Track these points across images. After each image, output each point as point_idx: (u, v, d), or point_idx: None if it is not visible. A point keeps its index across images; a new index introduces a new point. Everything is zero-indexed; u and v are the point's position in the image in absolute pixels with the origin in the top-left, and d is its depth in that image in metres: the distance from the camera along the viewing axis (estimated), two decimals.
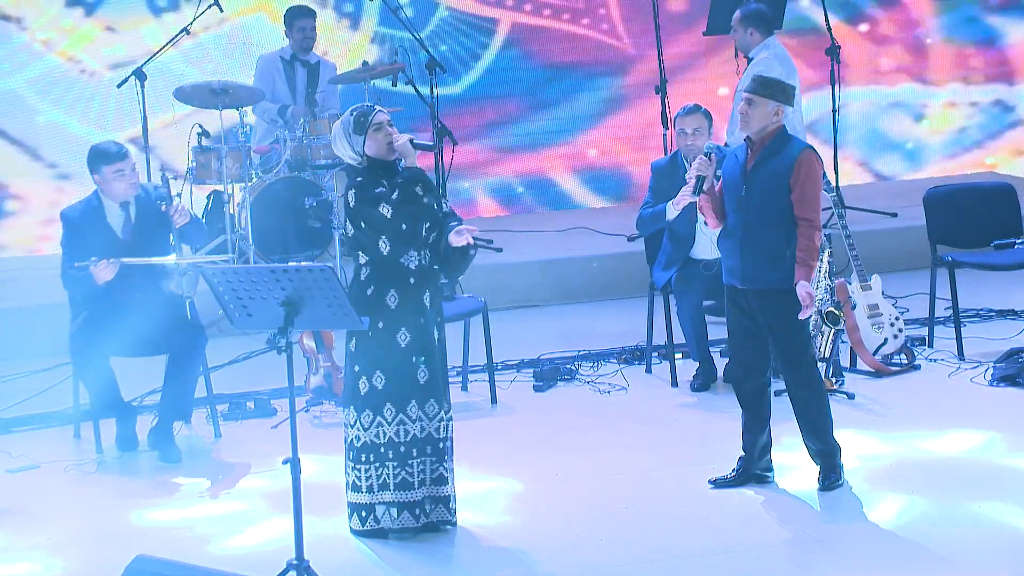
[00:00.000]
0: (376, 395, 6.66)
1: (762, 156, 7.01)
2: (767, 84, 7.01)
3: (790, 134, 7.14)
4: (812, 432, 7.10)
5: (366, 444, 6.68)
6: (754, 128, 7.01)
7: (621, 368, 9.20)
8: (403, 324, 6.65)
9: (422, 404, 6.69)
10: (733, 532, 6.72)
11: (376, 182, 6.63)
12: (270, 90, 11.30)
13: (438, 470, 6.74)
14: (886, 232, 11.46)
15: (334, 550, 6.62)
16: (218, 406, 8.45)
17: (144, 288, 7.99)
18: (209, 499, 7.41)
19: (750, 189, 6.99)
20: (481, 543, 6.72)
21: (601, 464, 7.61)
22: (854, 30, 13.45)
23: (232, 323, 6.17)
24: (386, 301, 6.63)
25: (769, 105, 6.98)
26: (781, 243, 6.95)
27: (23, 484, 7.69)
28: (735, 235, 7.04)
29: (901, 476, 7.28)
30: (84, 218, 8.04)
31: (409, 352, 6.66)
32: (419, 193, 6.62)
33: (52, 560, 6.72)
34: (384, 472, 6.68)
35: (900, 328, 8.91)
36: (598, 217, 12.39)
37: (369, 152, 6.68)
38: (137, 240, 8.01)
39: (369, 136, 6.66)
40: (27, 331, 9.83)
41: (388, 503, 6.69)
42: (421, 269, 6.69)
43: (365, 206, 6.60)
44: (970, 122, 13.80)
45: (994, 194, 9.63)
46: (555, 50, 12.99)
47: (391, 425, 6.66)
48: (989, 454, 7.52)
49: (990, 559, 6.30)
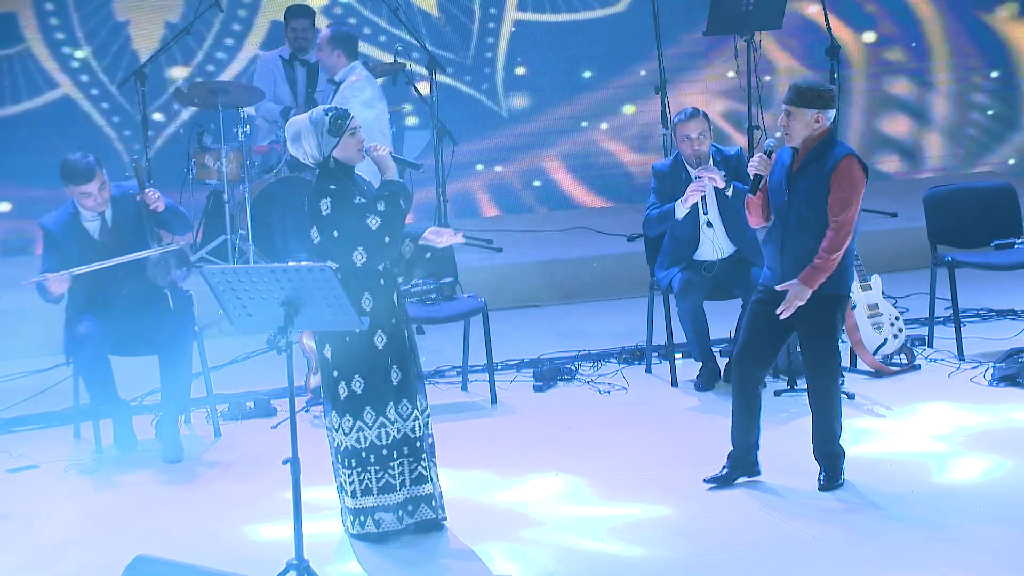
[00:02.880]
0: (356, 400, 6.62)
1: (806, 161, 7.02)
2: (803, 93, 6.99)
3: (836, 140, 7.10)
4: (823, 435, 7.12)
5: (348, 449, 6.65)
6: (797, 139, 7.01)
7: (621, 368, 9.20)
8: (379, 326, 6.61)
9: (396, 405, 6.66)
10: (733, 532, 6.71)
11: (351, 191, 6.53)
12: (270, 90, 11.30)
13: (416, 469, 6.71)
14: (886, 232, 11.46)
15: (334, 550, 6.62)
16: (218, 406, 8.45)
17: (131, 284, 7.98)
18: (209, 499, 7.41)
19: (793, 194, 7.01)
20: (480, 543, 6.71)
21: (601, 464, 7.60)
22: (854, 30, 13.45)
23: (232, 323, 6.16)
24: (361, 305, 6.55)
25: (808, 113, 6.97)
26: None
27: (23, 484, 7.69)
28: (777, 240, 7.07)
29: (903, 475, 7.28)
30: (60, 226, 8.01)
31: (385, 354, 6.63)
32: (403, 207, 6.60)
33: (52, 560, 6.72)
34: (367, 477, 6.65)
35: (900, 328, 8.90)
36: (598, 217, 12.39)
37: (338, 156, 6.54)
38: (115, 241, 7.98)
39: (344, 140, 6.53)
40: (27, 331, 9.84)
41: (372, 507, 6.66)
42: (387, 270, 6.66)
43: (345, 216, 6.47)
44: (970, 122, 13.81)
45: (994, 194, 9.63)
46: (555, 50, 13.00)
47: (371, 429, 6.63)
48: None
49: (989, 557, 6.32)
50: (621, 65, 13.06)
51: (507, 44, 12.91)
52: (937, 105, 13.77)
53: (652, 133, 12.82)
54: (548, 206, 13.07)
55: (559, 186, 13.14)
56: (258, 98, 10.95)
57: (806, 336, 7.09)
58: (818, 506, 6.96)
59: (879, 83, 13.67)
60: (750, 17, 11.39)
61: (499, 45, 12.92)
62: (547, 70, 12.98)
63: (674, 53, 12.79)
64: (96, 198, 7.90)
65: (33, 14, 12.10)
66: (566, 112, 13.06)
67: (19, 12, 12.10)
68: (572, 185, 13.16)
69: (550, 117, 13.04)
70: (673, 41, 12.81)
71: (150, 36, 12.20)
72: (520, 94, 12.95)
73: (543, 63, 12.96)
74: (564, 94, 13.03)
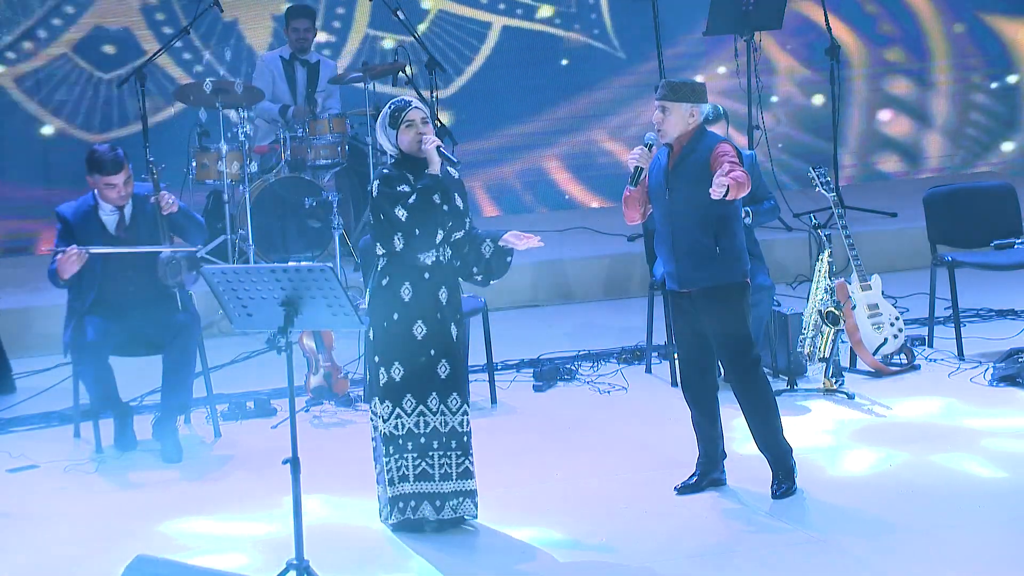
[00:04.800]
0: (395, 387, 6.69)
1: (681, 156, 6.95)
2: (677, 88, 6.94)
3: (707, 130, 7.04)
4: (762, 435, 7.06)
5: (386, 435, 6.72)
6: (673, 134, 6.94)
7: (621, 368, 9.20)
8: (419, 317, 6.68)
9: (444, 398, 6.73)
10: (733, 532, 6.71)
11: (401, 179, 6.69)
12: (269, 90, 11.30)
13: (463, 464, 6.78)
14: (886, 232, 11.46)
15: (334, 550, 6.61)
16: (218, 406, 8.45)
17: (139, 283, 8.00)
18: (209, 499, 7.41)
19: (673, 192, 6.93)
20: (481, 543, 6.71)
21: (601, 464, 7.60)
22: (854, 29, 13.45)
23: (232, 323, 6.17)
24: (400, 294, 6.68)
25: (684, 108, 6.94)
26: (710, 241, 6.91)
27: (23, 484, 7.69)
28: (667, 240, 7.02)
29: (906, 476, 7.28)
30: (77, 216, 8.05)
31: (426, 345, 6.69)
32: (436, 201, 6.65)
33: (52, 560, 6.71)
34: (403, 464, 6.71)
35: (900, 328, 8.90)
36: (598, 217, 12.39)
37: (402, 147, 6.75)
38: (131, 237, 8.03)
39: (401, 131, 6.73)
40: (27, 331, 9.84)
41: (408, 494, 6.72)
42: (438, 265, 6.72)
43: (384, 201, 6.66)
44: (970, 122, 13.81)
45: (994, 194, 9.63)
46: (555, 49, 13.00)
47: (410, 416, 6.70)
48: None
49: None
50: (621, 65, 13.06)
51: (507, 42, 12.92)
52: (937, 105, 13.77)
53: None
54: (548, 206, 13.07)
55: (559, 186, 13.15)
56: (258, 98, 10.96)
57: (717, 332, 7.00)
58: (818, 506, 6.95)
59: (879, 83, 13.67)
60: (750, 17, 11.40)
61: (497, 42, 12.94)
62: (546, 69, 12.98)
63: (674, 53, 12.79)
64: (120, 190, 7.95)
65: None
66: (566, 112, 13.06)
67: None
68: (572, 185, 13.16)
69: (550, 117, 13.04)
70: (673, 41, 12.82)
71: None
72: (520, 93, 12.95)
73: (543, 63, 12.96)
74: (564, 94, 13.03)
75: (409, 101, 6.80)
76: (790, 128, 13.41)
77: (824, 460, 7.50)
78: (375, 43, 12.64)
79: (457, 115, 12.40)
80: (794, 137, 13.35)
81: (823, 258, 8.70)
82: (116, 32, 12.21)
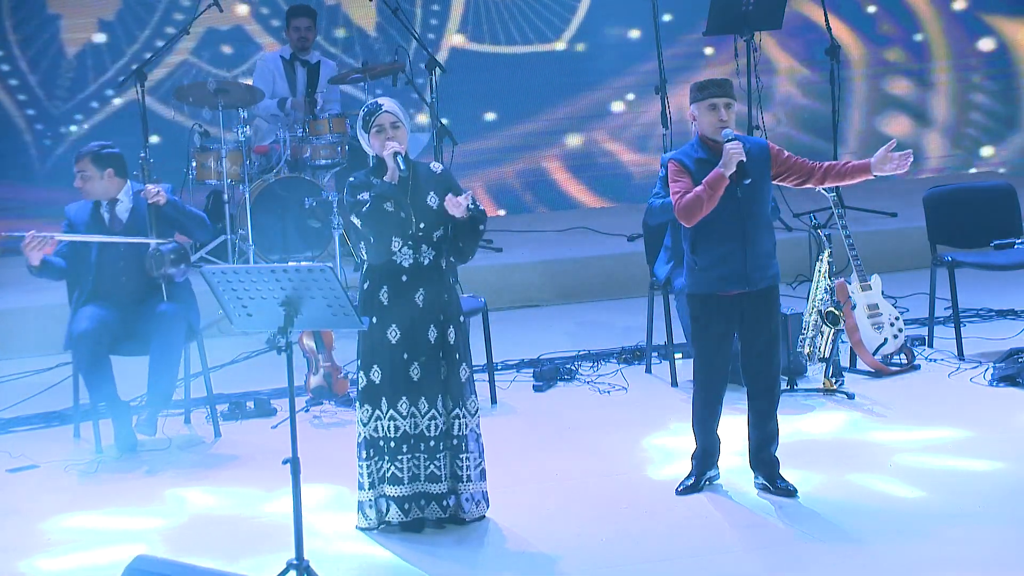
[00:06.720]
0: (373, 390, 6.70)
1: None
2: (732, 87, 6.97)
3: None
4: (771, 432, 7.08)
5: (366, 439, 6.73)
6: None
7: (621, 368, 9.20)
8: (393, 321, 6.67)
9: (414, 401, 6.70)
10: (733, 532, 6.71)
11: (366, 186, 6.67)
12: (270, 90, 11.31)
13: (430, 468, 6.75)
14: (886, 232, 11.47)
15: (334, 550, 6.62)
16: (218, 406, 8.46)
17: (130, 274, 8.05)
18: (209, 499, 7.41)
19: (746, 189, 6.91)
20: (480, 543, 6.71)
21: (601, 464, 7.61)
22: (854, 29, 13.46)
23: (232, 323, 6.17)
24: (379, 297, 6.68)
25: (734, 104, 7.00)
26: (773, 237, 6.96)
27: (23, 484, 7.69)
28: (736, 238, 6.89)
29: (907, 476, 7.28)
30: (79, 213, 8.18)
31: (399, 349, 6.68)
32: (389, 209, 6.62)
33: (51, 560, 6.71)
34: (381, 466, 6.72)
35: (900, 328, 8.91)
36: (598, 217, 12.39)
37: (373, 150, 6.74)
38: (126, 233, 8.09)
39: (372, 136, 6.71)
40: (27, 331, 9.84)
41: (383, 497, 6.73)
42: (416, 268, 6.69)
43: (346, 209, 6.69)
44: (970, 122, 13.82)
45: (994, 194, 9.63)
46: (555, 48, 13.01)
47: (385, 419, 6.69)
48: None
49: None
50: (621, 65, 13.07)
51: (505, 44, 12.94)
52: (937, 105, 13.77)
53: (652, 133, 12.82)
54: (548, 206, 13.08)
55: (559, 186, 13.15)
56: (258, 98, 10.97)
57: (763, 330, 7.02)
58: (818, 506, 6.96)
59: (879, 83, 13.67)
60: (750, 17, 11.40)
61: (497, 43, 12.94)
62: (546, 69, 12.99)
63: (674, 53, 12.80)
64: (78, 182, 8.06)
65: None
66: (566, 112, 13.06)
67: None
68: (572, 185, 13.17)
69: (550, 117, 13.04)
70: (673, 41, 12.82)
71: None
72: (520, 93, 12.95)
73: (542, 63, 12.97)
74: (564, 94, 13.03)
75: (380, 104, 6.72)
76: (790, 128, 13.42)
77: (824, 459, 7.50)
78: (375, 43, 12.65)
79: (457, 115, 12.40)
80: (794, 137, 13.36)
81: (823, 258, 8.70)
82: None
